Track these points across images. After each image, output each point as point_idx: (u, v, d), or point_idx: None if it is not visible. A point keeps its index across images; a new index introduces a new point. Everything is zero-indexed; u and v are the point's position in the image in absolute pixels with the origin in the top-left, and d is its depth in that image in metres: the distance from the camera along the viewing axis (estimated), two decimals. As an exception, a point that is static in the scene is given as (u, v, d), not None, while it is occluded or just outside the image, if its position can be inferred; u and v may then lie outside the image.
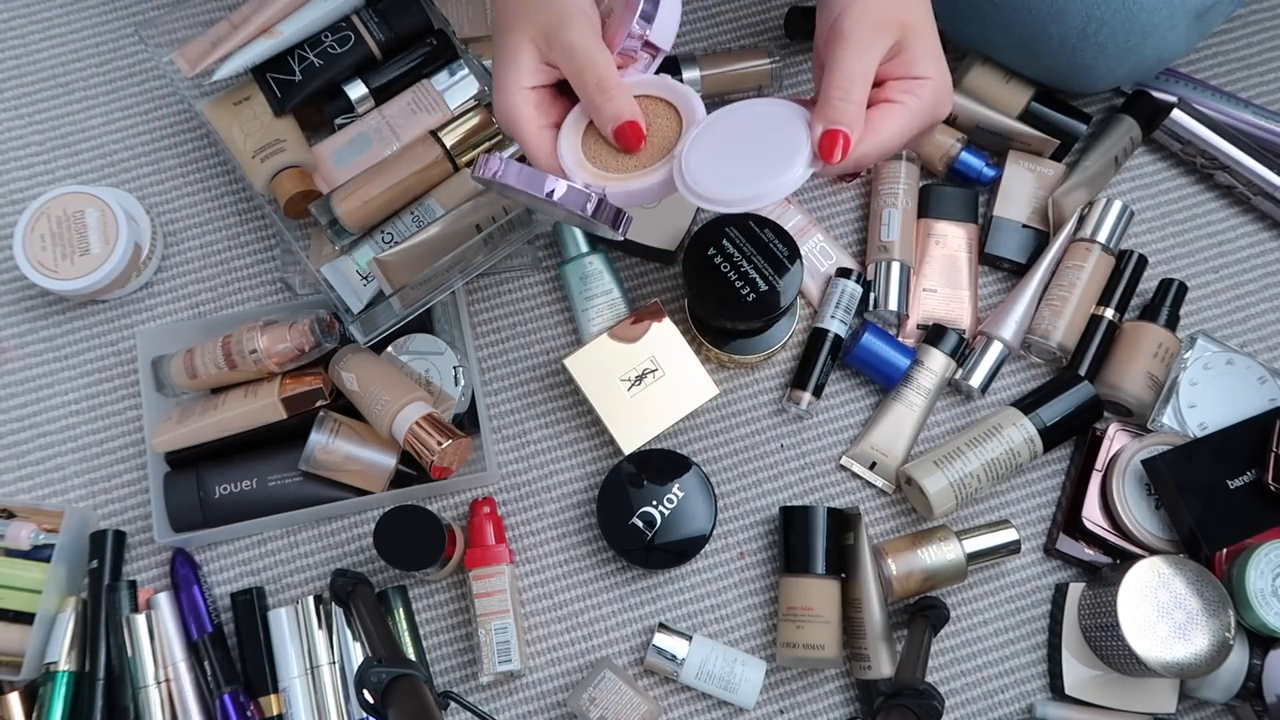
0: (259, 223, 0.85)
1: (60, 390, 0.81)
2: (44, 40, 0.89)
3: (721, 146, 0.57)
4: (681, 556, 0.75)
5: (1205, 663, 0.69)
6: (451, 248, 0.72)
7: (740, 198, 0.55)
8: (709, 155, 0.57)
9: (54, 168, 0.86)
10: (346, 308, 0.75)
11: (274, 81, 0.77)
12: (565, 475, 0.80)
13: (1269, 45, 0.90)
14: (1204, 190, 0.87)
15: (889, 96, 0.56)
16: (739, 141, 0.57)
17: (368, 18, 0.78)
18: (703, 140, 0.57)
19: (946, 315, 0.82)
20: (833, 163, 0.54)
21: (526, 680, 0.76)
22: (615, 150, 0.59)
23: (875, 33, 0.54)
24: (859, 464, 0.80)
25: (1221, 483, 0.73)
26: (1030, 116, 0.84)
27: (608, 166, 0.59)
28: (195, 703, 0.73)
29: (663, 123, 0.59)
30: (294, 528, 0.79)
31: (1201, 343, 0.78)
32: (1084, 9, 0.73)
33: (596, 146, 0.59)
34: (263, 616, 0.75)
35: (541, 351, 0.82)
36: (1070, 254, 0.81)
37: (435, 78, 0.79)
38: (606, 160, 0.59)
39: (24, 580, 0.74)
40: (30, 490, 0.79)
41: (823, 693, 0.76)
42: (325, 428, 0.74)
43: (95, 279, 0.78)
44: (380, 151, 0.77)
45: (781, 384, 0.82)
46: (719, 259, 0.73)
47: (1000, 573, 0.78)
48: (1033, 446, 0.76)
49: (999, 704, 0.76)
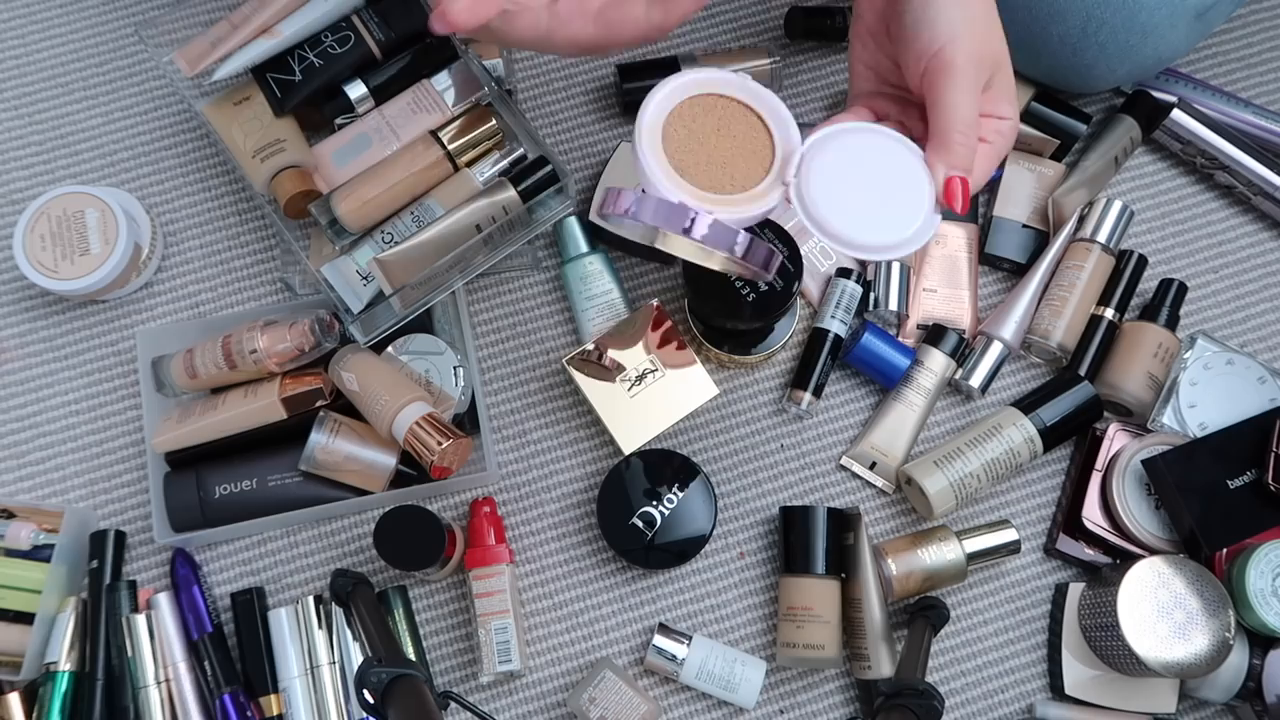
0: (259, 223, 0.85)
1: (60, 390, 0.81)
2: (44, 40, 0.89)
3: (842, 178, 0.53)
4: (681, 556, 0.75)
5: (1205, 663, 0.69)
6: (451, 248, 0.72)
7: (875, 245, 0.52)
8: (830, 186, 0.52)
9: (54, 168, 0.86)
10: (346, 308, 0.75)
11: (274, 81, 0.77)
12: (565, 475, 0.80)
13: (1269, 45, 0.90)
14: (1204, 190, 0.87)
15: (981, 135, 0.54)
16: (860, 175, 0.53)
17: (368, 18, 0.78)
18: (816, 169, 0.53)
19: (946, 315, 0.82)
20: (960, 210, 0.52)
21: (526, 680, 0.76)
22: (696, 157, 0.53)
23: (979, 68, 0.53)
24: (859, 464, 0.80)
25: (1221, 483, 0.73)
26: (1030, 116, 0.83)
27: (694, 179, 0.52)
28: (195, 703, 0.73)
29: (745, 130, 0.54)
30: (294, 528, 0.79)
31: (1201, 343, 0.78)
32: (1084, 9, 0.73)
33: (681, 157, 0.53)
34: (263, 616, 0.75)
35: (541, 351, 0.82)
36: (1070, 254, 0.81)
37: (435, 78, 0.79)
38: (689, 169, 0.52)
39: (24, 580, 0.74)
40: (30, 490, 0.79)
41: (823, 693, 0.76)
42: (325, 428, 0.74)
43: (95, 279, 0.78)
44: (380, 151, 0.77)
45: (781, 384, 0.82)
46: (719, 259, 0.72)
47: (1000, 573, 0.78)
48: (1033, 446, 0.76)
49: (999, 704, 0.76)
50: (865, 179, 0.53)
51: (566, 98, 0.88)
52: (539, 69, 0.89)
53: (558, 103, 0.88)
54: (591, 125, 0.88)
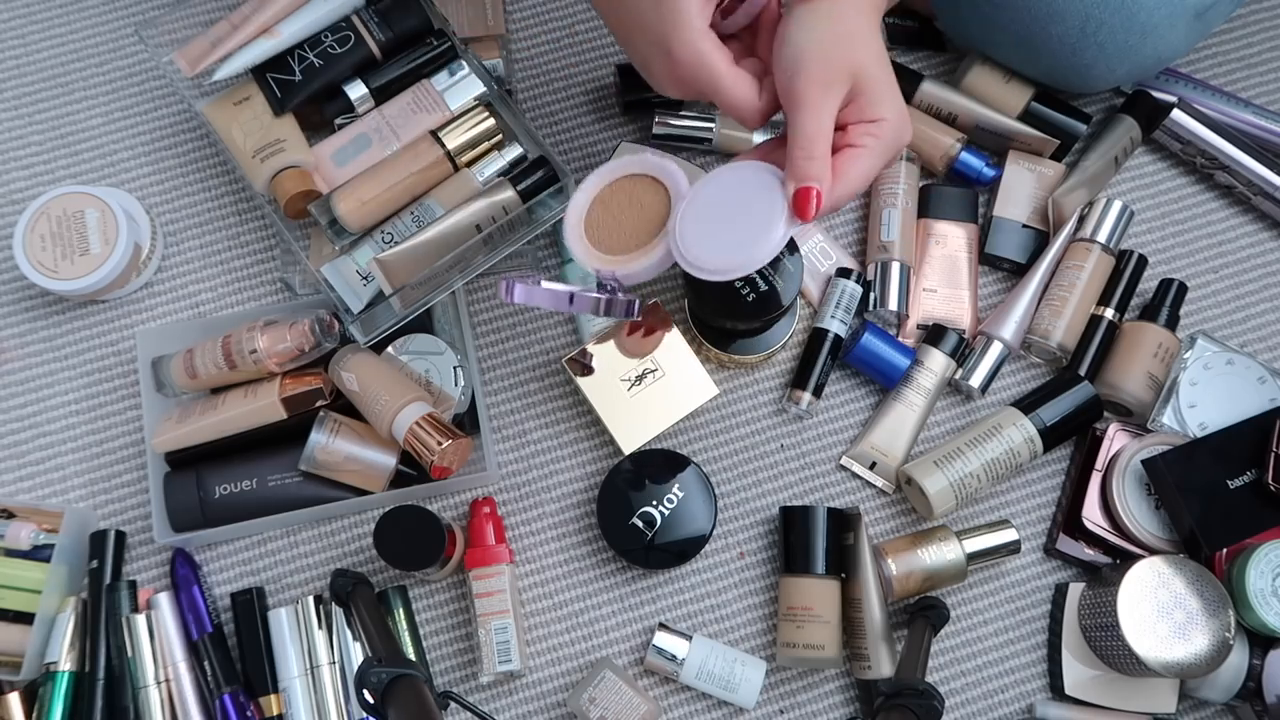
0: (259, 223, 0.85)
1: (60, 390, 0.81)
2: (44, 40, 0.89)
3: (708, 217, 0.61)
4: (681, 556, 0.75)
5: (1205, 663, 0.69)
6: (451, 248, 0.72)
7: (731, 266, 0.60)
8: (699, 227, 0.61)
9: (54, 168, 0.86)
10: (346, 308, 0.75)
11: (274, 81, 0.77)
12: (565, 475, 0.80)
13: (1269, 45, 0.90)
14: (1204, 190, 0.87)
15: (852, 141, 0.58)
16: (723, 210, 0.61)
17: (368, 18, 0.78)
18: (691, 213, 0.62)
19: (946, 315, 0.82)
20: (809, 218, 0.58)
21: (526, 680, 0.76)
22: (609, 230, 0.65)
23: (825, 90, 0.56)
24: (859, 464, 0.80)
25: (1221, 483, 0.73)
26: (1030, 116, 0.84)
27: (607, 248, 0.64)
28: (195, 703, 0.73)
29: (651, 199, 0.64)
30: (294, 528, 0.79)
31: (1201, 343, 0.78)
32: (1084, 9, 0.73)
33: (596, 232, 0.65)
34: (263, 616, 0.75)
35: (541, 351, 0.82)
36: (1070, 254, 0.81)
37: (435, 78, 0.79)
38: (604, 241, 0.65)
39: (24, 580, 0.74)
40: (30, 490, 0.79)
41: (823, 693, 0.76)
42: (325, 428, 0.74)
43: (95, 279, 0.78)
44: (380, 151, 0.77)
45: (781, 384, 0.82)
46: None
47: (1000, 573, 0.78)
48: (1033, 446, 0.76)
49: (999, 704, 0.76)
50: (730, 213, 0.61)
51: (566, 98, 0.88)
52: (539, 69, 0.89)
53: (558, 103, 0.88)
54: (591, 125, 0.88)
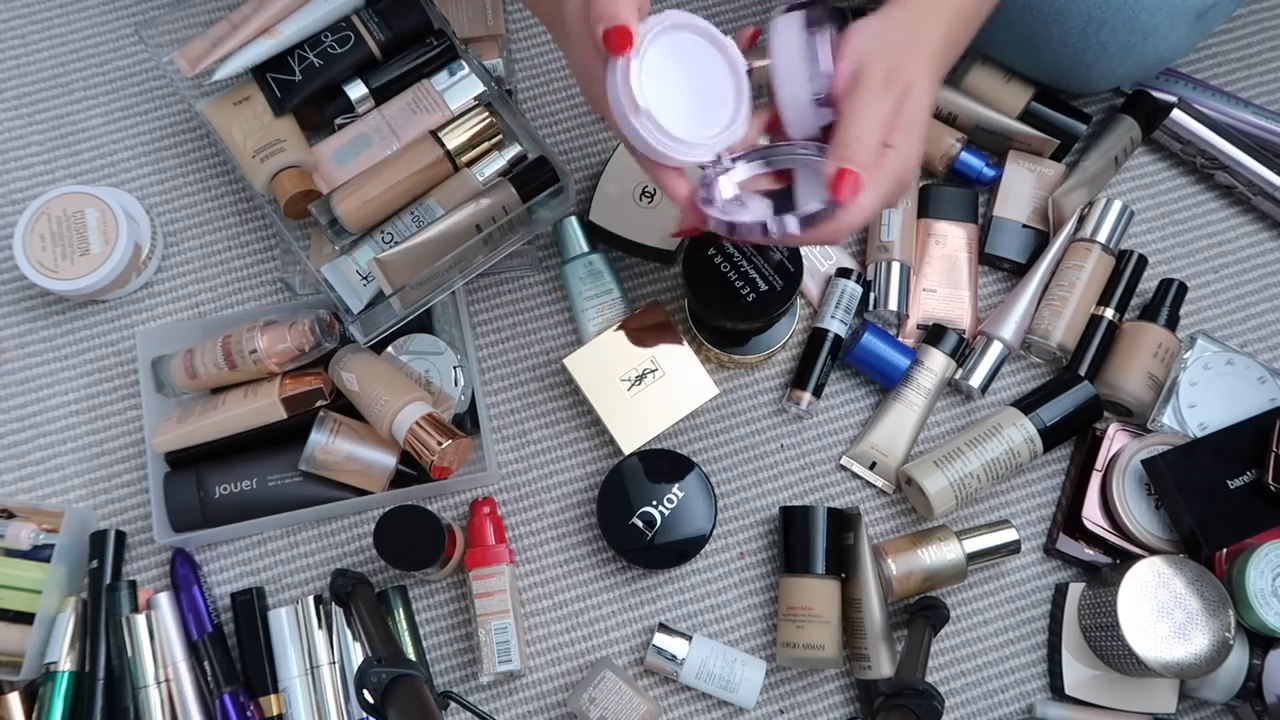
0: (259, 223, 0.85)
1: (60, 390, 0.81)
2: (44, 40, 0.89)
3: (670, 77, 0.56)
4: (681, 556, 0.75)
5: (1205, 663, 0.69)
6: (451, 248, 0.72)
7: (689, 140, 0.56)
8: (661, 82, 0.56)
9: (54, 168, 0.86)
10: (346, 308, 0.75)
11: (274, 81, 0.77)
12: (565, 475, 0.80)
13: (1269, 45, 0.90)
14: (1204, 190, 0.87)
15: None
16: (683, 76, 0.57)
17: (368, 18, 0.78)
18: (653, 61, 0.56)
19: (946, 315, 0.82)
20: (844, 200, 0.54)
21: (526, 680, 0.76)
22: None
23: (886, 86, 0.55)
24: (859, 464, 0.80)
25: (1221, 483, 0.73)
26: (1030, 116, 0.84)
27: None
28: (195, 703, 0.73)
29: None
30: (294, 528, 0.79)
31: (1201, 343, 0.78)
32: (1085, 8, 0.73)
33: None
34: (263, 616, 0.75)
35: (541, 351, 0.82)
36: (1070, 254, 0.81)
37: (435, 78, 0.79)
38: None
39: (24, 580, 0.74)
40: (30, 490, 0.79)
41: (823, 693, 0.76)
42: (325, 428, 0.74)
43: (95, 279, 0.78)
44: (380, 151, 0.77)
45: (781, 384, 0.82)
46: (719, 259, 0.73)
47: (1000, 573, 0.78)
48: (1033, 446, 0.76)
49: (999, 704, 0.76)
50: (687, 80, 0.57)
51: (566, 98, 0.88)
52: (539, 69, 0.89)
53: (558, 103, 0.88)
54: (591, 125, 0.88)
